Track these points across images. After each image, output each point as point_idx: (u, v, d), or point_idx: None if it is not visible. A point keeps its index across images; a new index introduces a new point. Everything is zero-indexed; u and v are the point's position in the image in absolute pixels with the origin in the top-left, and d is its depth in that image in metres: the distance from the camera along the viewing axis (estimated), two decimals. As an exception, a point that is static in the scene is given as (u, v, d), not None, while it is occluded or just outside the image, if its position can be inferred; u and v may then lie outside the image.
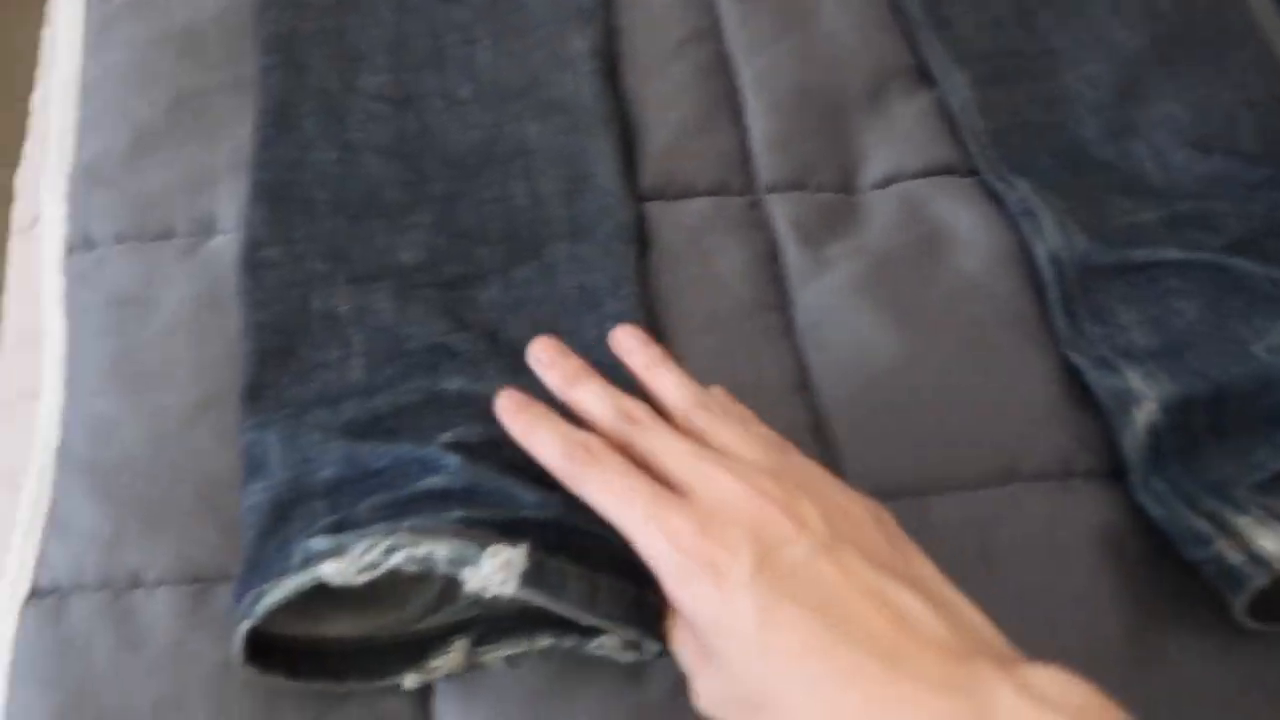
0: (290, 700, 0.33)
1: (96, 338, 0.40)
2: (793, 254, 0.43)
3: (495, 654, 0.32)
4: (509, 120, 0.45)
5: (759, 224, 0.44)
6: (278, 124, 0.43)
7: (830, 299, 0.42)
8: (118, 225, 0.42)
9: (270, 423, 0.36)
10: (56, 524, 0.37)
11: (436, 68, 0.46)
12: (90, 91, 0.45)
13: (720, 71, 0.48)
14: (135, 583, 0.35)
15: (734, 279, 0.42)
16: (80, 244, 0.42)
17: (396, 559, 0.28)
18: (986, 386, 0.40)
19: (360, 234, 0.41)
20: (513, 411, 0.32)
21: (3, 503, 0.40)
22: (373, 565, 0.29)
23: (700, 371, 0.34)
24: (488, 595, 0.28)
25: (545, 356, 0.34)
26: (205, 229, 0.42)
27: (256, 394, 0.37)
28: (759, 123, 0.46)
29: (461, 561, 0.28)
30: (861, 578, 0.25)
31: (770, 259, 0.43)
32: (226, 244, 0.42)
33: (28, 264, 0.45)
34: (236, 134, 0.44)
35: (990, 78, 0.49)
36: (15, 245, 0.47)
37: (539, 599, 0.28)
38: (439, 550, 0.28)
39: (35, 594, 0.35)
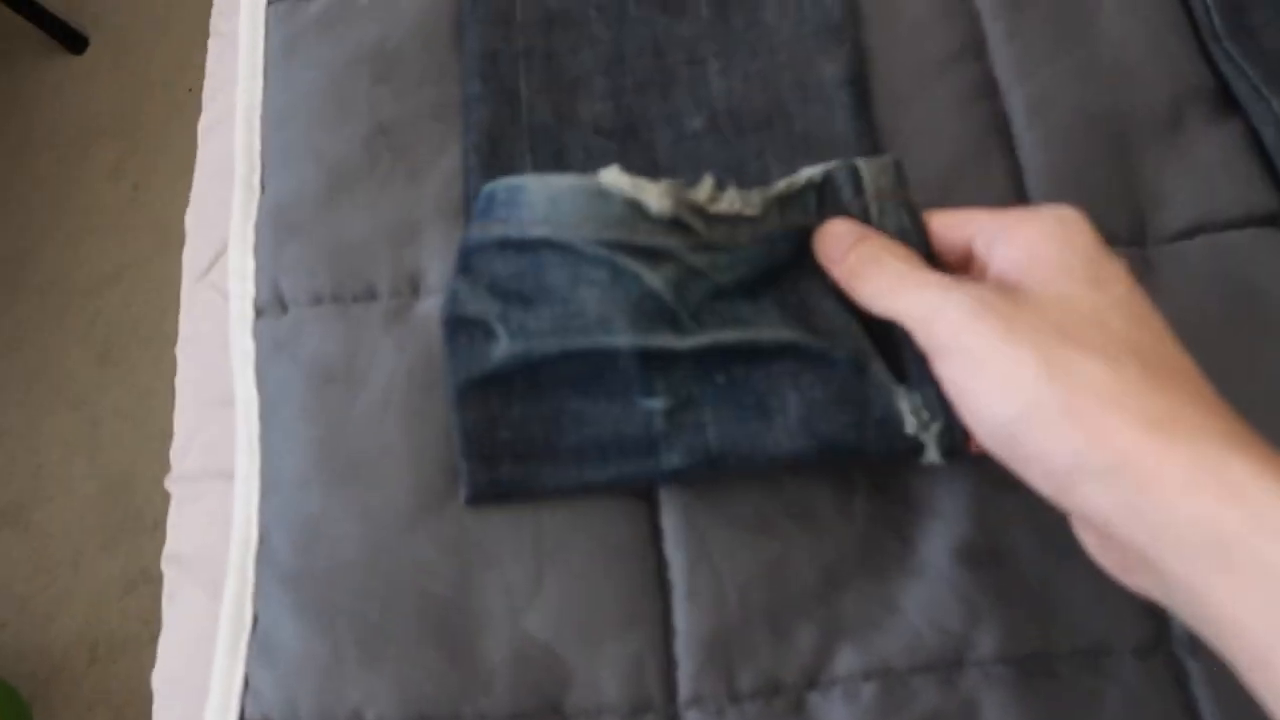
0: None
1: (298, 420, 0.35)
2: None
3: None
4: (750, 158, 0.38)
5: (1045, 288, 0.37)
6: (488, 165, 0.37)
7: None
8: (313, 284, 0.37)
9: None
10: (263, 644, 0.33)
11: (662, 93, 0.39)
12: (276, 122, 0.40)
13: (986, 97, 0.40)
14: None
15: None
16: (271, 305, 0.37)
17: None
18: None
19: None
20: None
21: (198, 601, 0.36)
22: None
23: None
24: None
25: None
26: (411, 288, 0.37)
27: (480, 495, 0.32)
28: (1035, 159, 0.39)
29: None
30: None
31: (1063, 333, 0.36)
32: (436, 307, 0.36)
33: (206, 315, 0.41)
34: (441, 171, 0.38)
35: (1312, 103, 0.40)
36: (190, 292, 0.43)
37: None
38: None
39: (247, 729, 0.31)
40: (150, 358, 1.15)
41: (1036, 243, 0.28)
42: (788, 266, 0.32)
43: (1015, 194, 0.39)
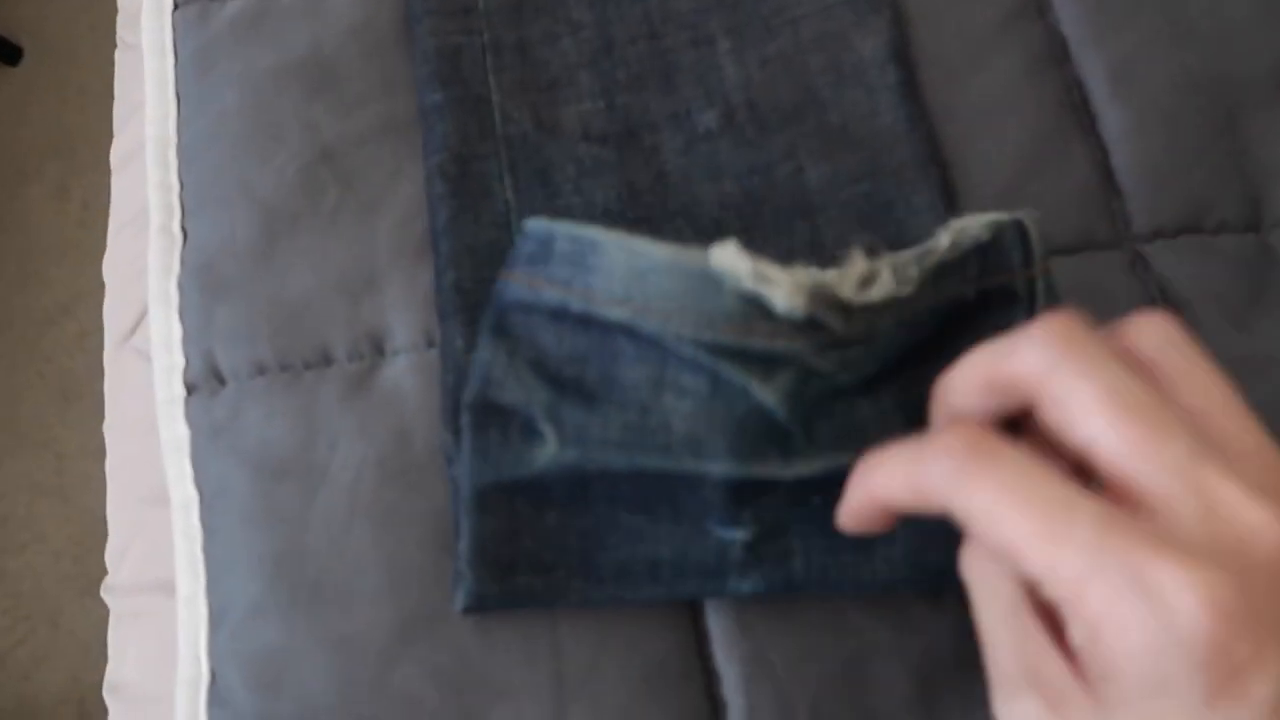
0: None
1: (246, 527, 0.28)
2: (1210, 340, 0.30)
3: None
4: (779, 161, 0.31)
5: (1146, 295, 0.31)
6: (460, 191, 0.30)
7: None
8: (254, 351, 0.30)
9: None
10: (223, 816, 0.26)
11: (663, 85, 0.32)
12: (194, 153, 0.33)
13: (1055, 66, 0.33)
14: None
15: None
16: (205, 378, 0.30)
17: None
18: None
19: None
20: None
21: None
22: None
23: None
24: None
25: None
26: (374, 348, 0.30)
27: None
28: (1122, 139, 0.32)
29: None
30: None
31: (1174, 349, 0.30)
32: (405, 369, 0.29)
33: (134, 388, 0.34)
34: (398, 202, 0.31)
35: None
36: (113, 359, 0.36)
37: None
38: None
39: None
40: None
41: (1106, 626, 0.17)
42: (924, 349, 0.24)
43: (1101, 183, 0.32)
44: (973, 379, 0.20)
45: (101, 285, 0.39)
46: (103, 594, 0.34)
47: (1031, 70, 0.33)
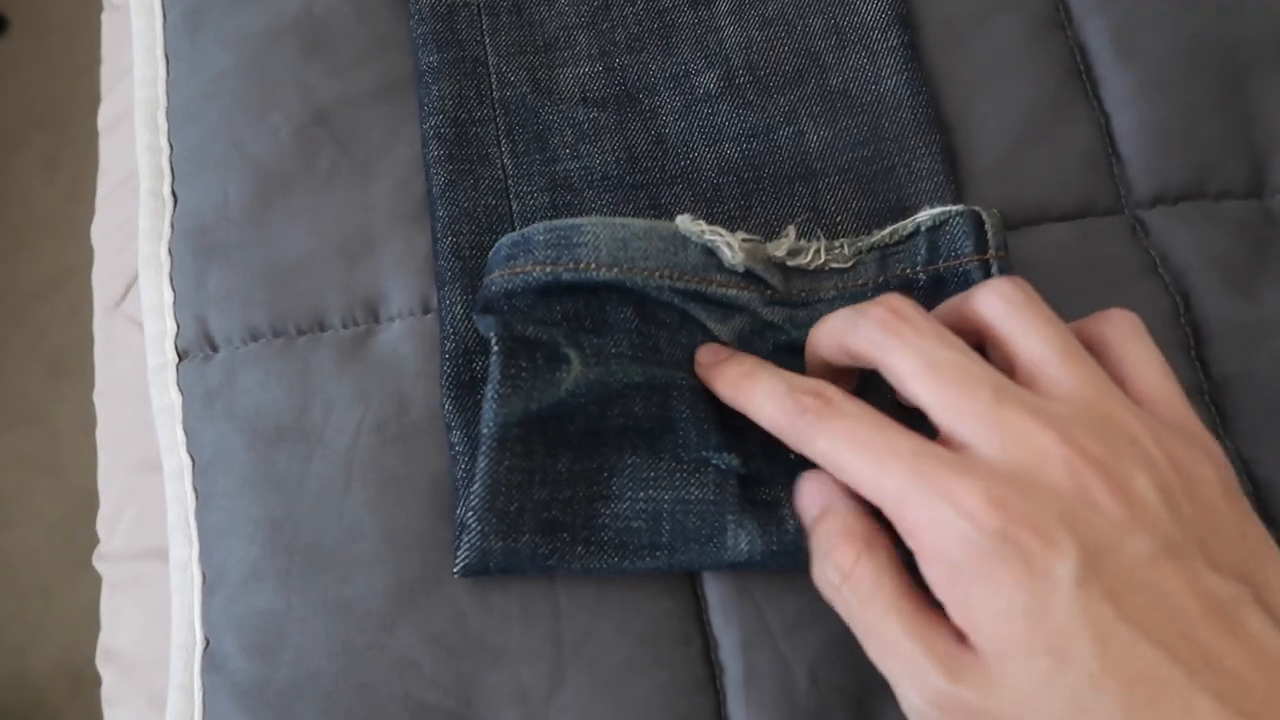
0: None
1: (241, 493, 0.28)
2: (1210, 306, 0.30)
3: None
4: (779, 124, 0.31)
5: (1146, 261, 0.30)
6: (456, 156, 0.30)
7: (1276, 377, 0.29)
8: (248, 316, 0.30)
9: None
10: (219, 779, 0.26)
11: (662, 47, 0.32)
12: (185, 116, 0.32)
13: (1058, 29, 0.33)
14: None
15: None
16: (197, 344, 0.30)
17: None
18: None
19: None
20: (715, 366, 0.26)
21: (139, 713, 0.29)
22: None
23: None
24: None
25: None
26: (369, 313, 0.30)
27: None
28: (1125, 104, 0.32)
29: None
30: (1214, 595, 0.20)
31: (1175, 317, 0.30)
32: (402, 334, 0.29)
33: (125, 354, 0.33)
34: (395, 164, 0.31)
35: None
36: (103, 325, 0.35)
37: None
38: None
39: None
40: (104, 366, 1.07)
41: (923, 532, 0.21)
42: None
43: (1103, 149, 0.32)
44: (830, 342, 0.24)
45: (92, 259, 0.38)
46: (95, 562, 0.34)
47: (1033, 34, 0.33)
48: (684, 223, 0.27)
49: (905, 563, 0.22)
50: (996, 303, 0.23)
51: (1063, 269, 0.30)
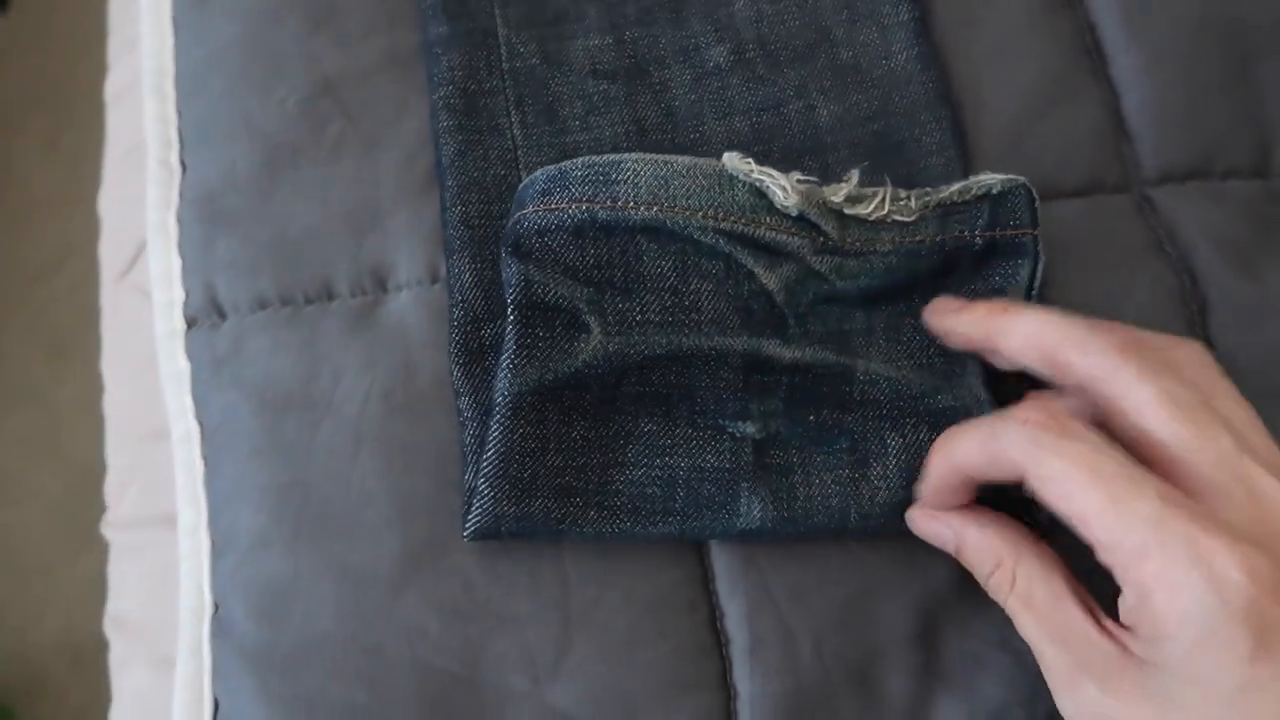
0: None
1: (250, 460, 0.28)
2: (1216, 283, 0.30)
3: None
4: (790, 99, 0.31)
5: (1153, 239, 0.30)
6: (466, 126, 0.30)
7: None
8: (256, 284, 0.30)
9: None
10: (228, 741, 0.26)
11: (672, 20, 0.32)
12: (193, 86, 0.32)
13: (1069, 7, 0.33)
14: (348, 832, 0.25)
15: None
16: (205, 312, 0.30)
17: None
18: None
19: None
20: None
21: (149, 678, 0.30)
22: None
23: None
24: None
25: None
26: (377, 283, 0.30)
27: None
28: (1134, 82, 0.32)
29: None
30: None
31: (1181, 294, 0.30)
32: (410, 304, 0.29)
33: (132, 323, 0.34)
34: (402, 136, 0.31)
35: None
36: (110, 295, 0.35)
37: None
38: None
39: None
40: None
41: (1161, 591, 0.20)
42: (924, 283, 0.27)
43: (1112, 128, 0.32)
44: (971, 448, 0.23)
45: (92, 239, 0.38)
46: (103, 529, 0.34)
47: (1044, 10, 0.33)
48: (731, 160, 0.26)
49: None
50: (1192, 360, 0.23)
51: (1072, 244, 0.30)
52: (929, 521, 0.25)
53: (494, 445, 0.25)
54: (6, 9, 1.19)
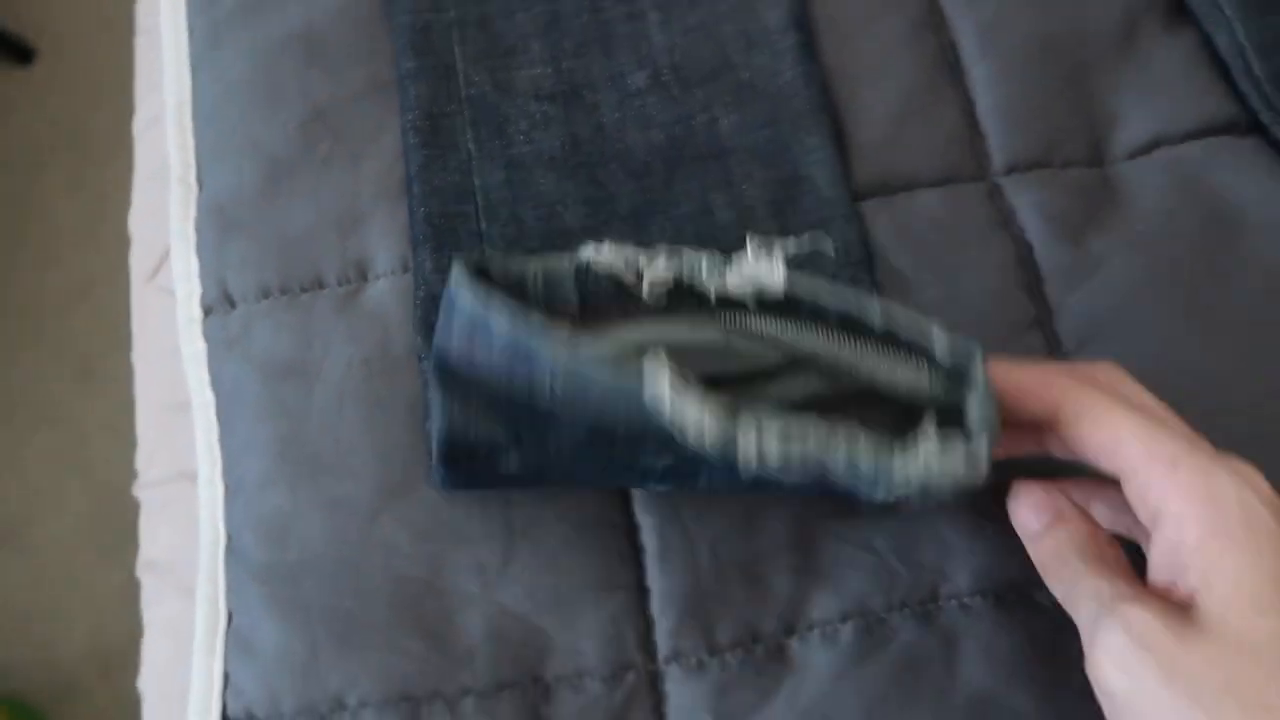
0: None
1: (256, 419, 0.34)
2: (1048, 252, 0.36)
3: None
4: (698, 112, 0.37)
5: (1001, 217, 0.37)
6: (430, 143, 0.36)
7: (1102, 308, 0.35)
8: (260, 278, 0.36)
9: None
10: (240, 642, 0.32)
11: (602, 51, 0.38)
12: (208, 116, 0.39)
13: (934, 28, 0.39)
14: (338, 707, 0.31)
15: (978, 294, 0.35)
16: (219, 302, 0.37)
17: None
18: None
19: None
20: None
21: (176, 605, 0.36)
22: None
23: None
24: None
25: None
26: (359, 274, 0.36)
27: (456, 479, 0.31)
28: (986, 89, 0.38)
29: None
30: None
31: (1020, 262, 0.36)
32: (386, 290, 0.36)
33: (157, 319, 0.40)
34: (381, 151, 0.37)
35: (1264, 4, 0.39)
36: (139, 295, 0.42)
37: None
38: None
39: (228, 726, 0.31)
40: (128, 368, 1.13)
41: (1216, 551, 0.23)
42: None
43: (967, 128, 0.38)
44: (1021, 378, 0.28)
45: (114, 269, 0.44)
46: (135, 492, 0.40)
47: (911, 33, 0.39)
48: (655, 386, 0.25)
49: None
50: (1110, 375, 0.28)
51: (932, 226, 0.36)
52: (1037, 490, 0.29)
53: (436, 427, 0.29)
54: (33, 59, 1.28)
